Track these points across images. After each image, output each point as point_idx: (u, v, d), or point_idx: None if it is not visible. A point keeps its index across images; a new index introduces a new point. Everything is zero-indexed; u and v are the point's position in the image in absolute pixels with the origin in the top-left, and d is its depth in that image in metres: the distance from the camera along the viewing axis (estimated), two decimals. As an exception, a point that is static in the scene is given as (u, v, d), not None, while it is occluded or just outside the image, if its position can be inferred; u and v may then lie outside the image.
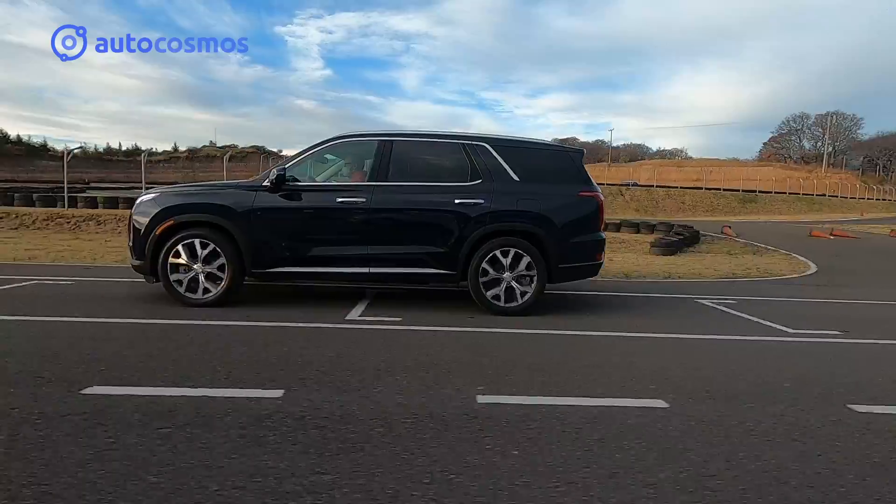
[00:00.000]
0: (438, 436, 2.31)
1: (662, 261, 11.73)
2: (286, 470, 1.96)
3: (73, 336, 3.65)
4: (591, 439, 2.34)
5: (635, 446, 2.29)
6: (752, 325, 5.17)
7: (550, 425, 2.48)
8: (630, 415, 2.66)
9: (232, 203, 4.75)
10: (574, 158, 5.43)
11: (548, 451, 2.21)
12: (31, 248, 9.54)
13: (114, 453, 2.03)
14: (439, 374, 3.15)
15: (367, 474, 1.96)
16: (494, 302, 4.96)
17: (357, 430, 2.32)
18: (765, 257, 13.49)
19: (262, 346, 3.62)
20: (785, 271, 10.65)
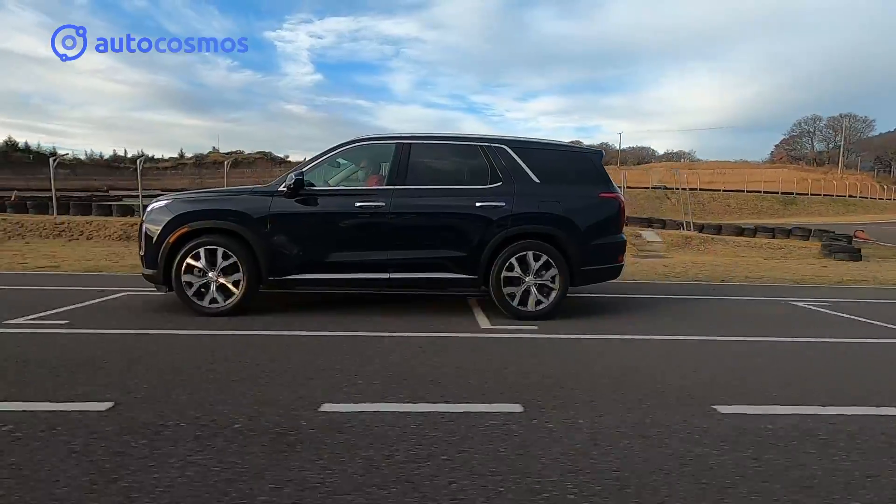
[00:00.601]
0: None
1: (875, 267, 11.41)
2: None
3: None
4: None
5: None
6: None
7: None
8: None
9: (248, 209, 4.63)
10: (594, 160, 5.35)
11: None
12: (92, 257, 9.46)
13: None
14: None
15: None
16: (517, 306, 4.85)
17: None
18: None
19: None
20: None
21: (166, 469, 1.98)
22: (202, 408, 2.56)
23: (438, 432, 2.37)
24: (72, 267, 8.04)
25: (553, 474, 2.04)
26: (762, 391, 3.08)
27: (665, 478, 2.03)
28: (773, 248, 15.37)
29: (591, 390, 3.02)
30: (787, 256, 13.49)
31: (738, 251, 15.32)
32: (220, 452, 2.12)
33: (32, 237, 13.74)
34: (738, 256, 14.03)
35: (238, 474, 1.96)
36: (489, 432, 2.39)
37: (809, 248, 15.54)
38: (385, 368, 3.29)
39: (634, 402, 2.84)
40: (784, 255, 13.32)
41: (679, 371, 3.45)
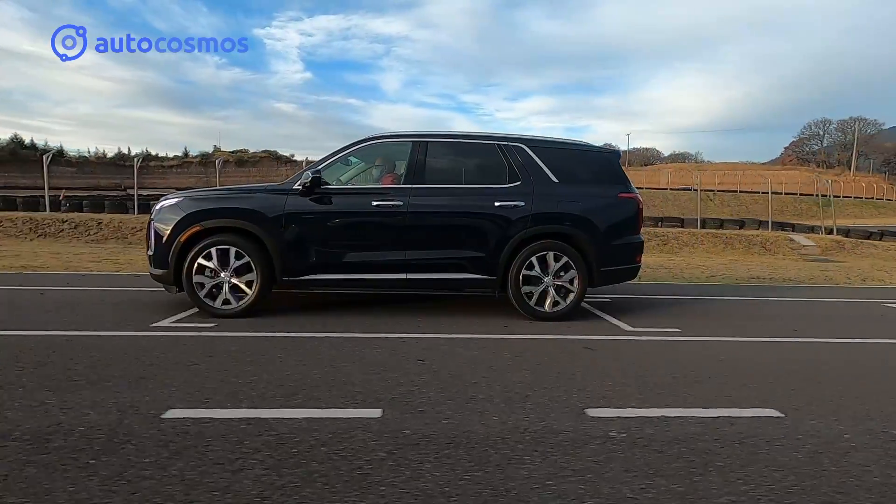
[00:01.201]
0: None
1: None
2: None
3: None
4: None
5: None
6: None
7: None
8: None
9: (262, 207, 4.51)
10: (611, 159, 5.32)
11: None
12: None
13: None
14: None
15: None
16: (536, 307, 4.78)
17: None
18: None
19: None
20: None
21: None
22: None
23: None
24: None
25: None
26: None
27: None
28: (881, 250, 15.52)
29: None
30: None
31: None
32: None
33: (101, 235, 13.32)
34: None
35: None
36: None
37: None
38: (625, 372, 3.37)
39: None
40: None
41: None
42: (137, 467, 1.96)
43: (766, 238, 16.81)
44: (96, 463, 1.98)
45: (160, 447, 2.12)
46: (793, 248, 15.60)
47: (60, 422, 2.31)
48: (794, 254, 14.74)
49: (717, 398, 2.93)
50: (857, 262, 13.34)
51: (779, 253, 15.28)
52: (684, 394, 2.99)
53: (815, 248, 16.34)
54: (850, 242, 17.47)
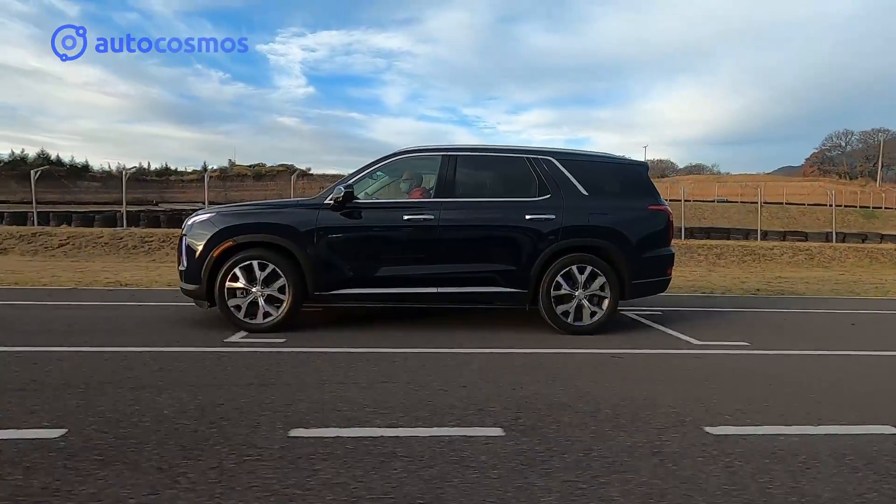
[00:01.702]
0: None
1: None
2: None
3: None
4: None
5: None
6: None
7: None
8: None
9: (294, 222, 4.54)
10: (640, 171, 5.28)
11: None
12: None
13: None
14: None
15: None
16: (568, 321, 4.75)
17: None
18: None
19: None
20: None
21: None
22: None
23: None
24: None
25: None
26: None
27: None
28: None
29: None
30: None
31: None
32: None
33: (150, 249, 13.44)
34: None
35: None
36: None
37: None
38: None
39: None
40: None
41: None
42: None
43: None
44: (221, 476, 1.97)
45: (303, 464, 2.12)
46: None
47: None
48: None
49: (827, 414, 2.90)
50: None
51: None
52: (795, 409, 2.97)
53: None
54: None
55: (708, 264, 14.24)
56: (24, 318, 4.95)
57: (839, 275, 12.49)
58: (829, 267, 14.65)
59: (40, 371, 3.23)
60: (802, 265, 14.61)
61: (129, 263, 11.25)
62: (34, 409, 2.60)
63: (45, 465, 2.05)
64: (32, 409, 2.61)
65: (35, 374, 3.17)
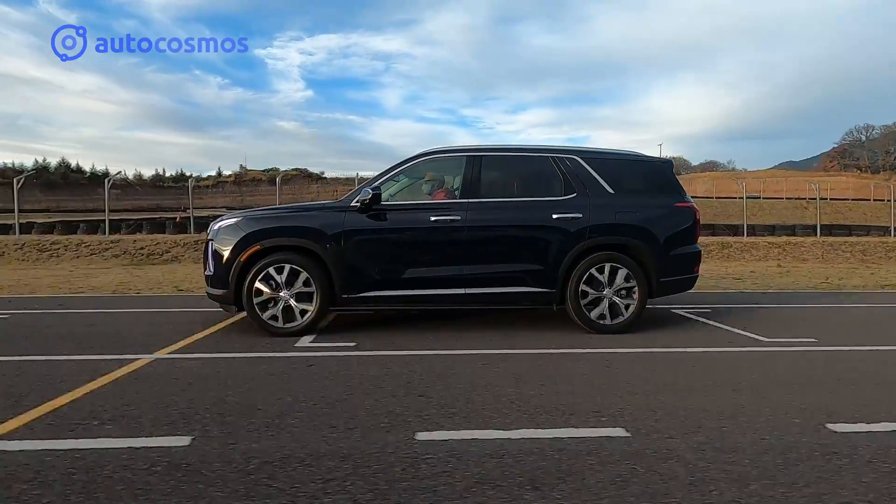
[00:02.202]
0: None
1: None
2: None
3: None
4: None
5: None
6: None
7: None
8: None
9: (321, 225, 4.53)
10: (665, 169, 5.25)
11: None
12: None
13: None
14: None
15: None
16: (597, 320, 4.72)
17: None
18: None
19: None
20: None
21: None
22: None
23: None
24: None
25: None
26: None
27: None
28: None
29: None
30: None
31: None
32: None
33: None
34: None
35: None
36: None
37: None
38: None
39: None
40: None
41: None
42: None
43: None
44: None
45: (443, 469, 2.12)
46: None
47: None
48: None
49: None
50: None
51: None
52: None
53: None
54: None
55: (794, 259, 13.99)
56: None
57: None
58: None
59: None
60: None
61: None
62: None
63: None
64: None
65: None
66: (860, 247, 15.54)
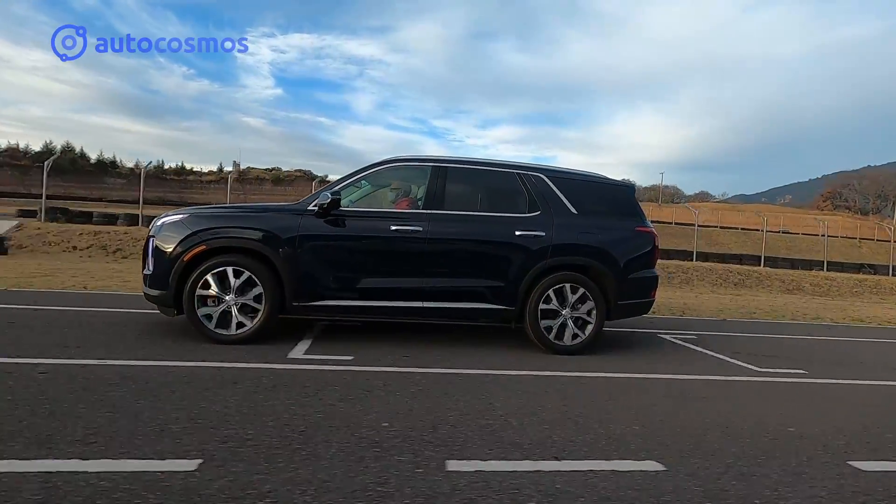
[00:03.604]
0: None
1: None
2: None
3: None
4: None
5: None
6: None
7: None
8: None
9: (274, 228, 4.32)
10: (628, 193, 5.28)
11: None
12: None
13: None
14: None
15: None
16: (554, 340, 4.68)
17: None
18: None
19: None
20: None
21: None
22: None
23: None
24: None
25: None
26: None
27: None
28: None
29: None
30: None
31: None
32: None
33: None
34: None
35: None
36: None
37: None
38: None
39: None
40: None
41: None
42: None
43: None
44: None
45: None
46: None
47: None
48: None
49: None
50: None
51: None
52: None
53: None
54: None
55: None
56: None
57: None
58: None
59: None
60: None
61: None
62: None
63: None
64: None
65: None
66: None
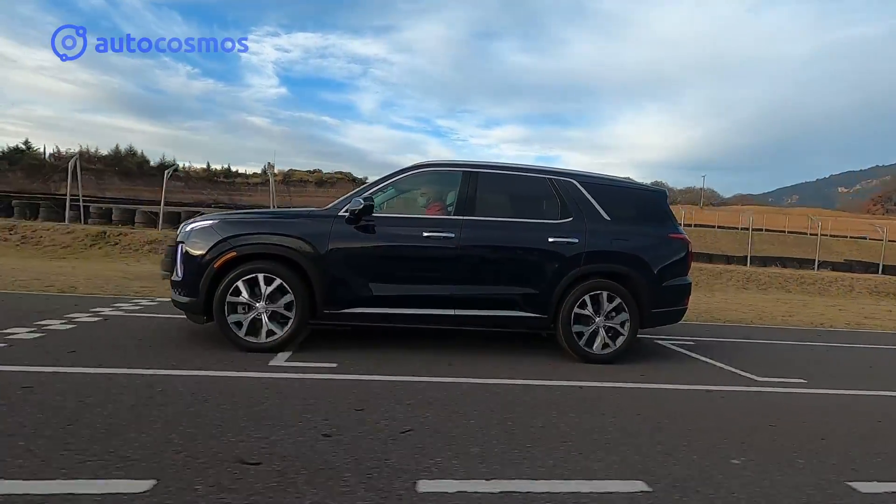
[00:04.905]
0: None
1: None
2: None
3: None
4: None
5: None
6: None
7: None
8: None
9: (305, 234, 4.27)
10: (659, 199, 5.16)
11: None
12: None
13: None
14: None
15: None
16: (587, 349, 4.64)
17: None
18: None
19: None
20: None
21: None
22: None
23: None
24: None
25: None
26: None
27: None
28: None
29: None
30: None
31: None
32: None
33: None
34: None
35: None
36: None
37: None
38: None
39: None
40: None
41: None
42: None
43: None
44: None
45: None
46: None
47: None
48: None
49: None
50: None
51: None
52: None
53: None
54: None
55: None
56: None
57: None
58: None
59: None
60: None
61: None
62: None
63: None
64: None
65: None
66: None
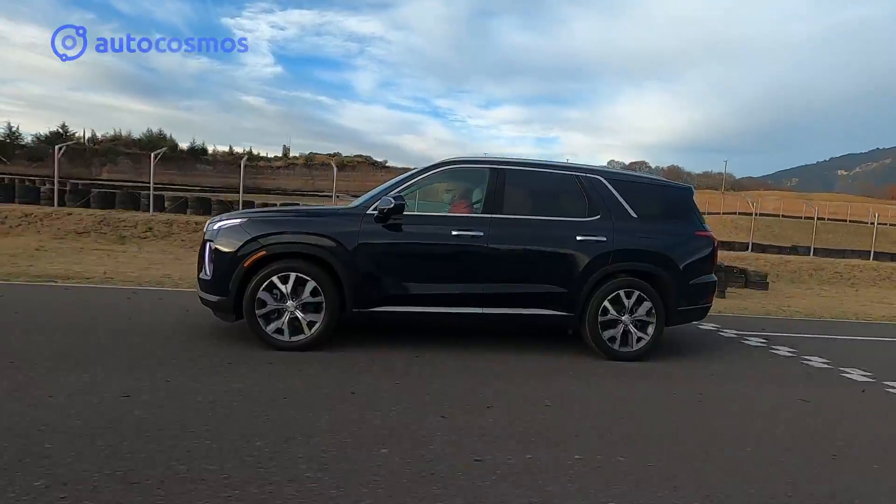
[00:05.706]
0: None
1: None
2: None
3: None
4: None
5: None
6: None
7: None
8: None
9: (334, 232, 4.28)
10: (686, 196, 5.12)
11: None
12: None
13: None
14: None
15: None
16: (613, 346, 4.68)
17: None
18: None
19: None
20: None
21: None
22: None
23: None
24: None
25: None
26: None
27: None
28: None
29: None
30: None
31: None
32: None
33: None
34: None
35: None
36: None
37: None
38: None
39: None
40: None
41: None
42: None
43: None
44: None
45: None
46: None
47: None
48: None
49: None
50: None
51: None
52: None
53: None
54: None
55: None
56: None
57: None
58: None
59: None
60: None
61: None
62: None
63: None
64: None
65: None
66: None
